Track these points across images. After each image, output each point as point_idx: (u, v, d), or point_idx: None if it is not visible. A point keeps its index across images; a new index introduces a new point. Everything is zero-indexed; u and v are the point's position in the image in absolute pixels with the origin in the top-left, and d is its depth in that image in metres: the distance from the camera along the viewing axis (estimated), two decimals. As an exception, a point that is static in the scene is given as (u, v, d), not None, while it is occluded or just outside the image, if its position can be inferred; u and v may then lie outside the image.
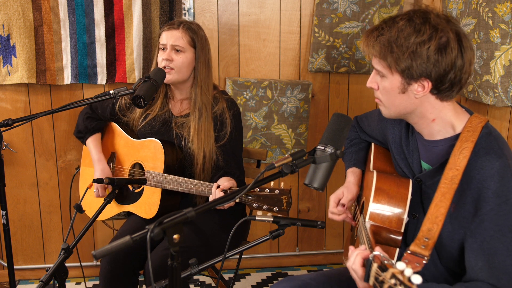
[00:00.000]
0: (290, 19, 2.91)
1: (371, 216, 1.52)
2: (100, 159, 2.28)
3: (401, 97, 1.45)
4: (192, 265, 1.40)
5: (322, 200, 3.18)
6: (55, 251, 3.07)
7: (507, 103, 2.11)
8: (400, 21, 1.40)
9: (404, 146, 1.62)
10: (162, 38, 2.17)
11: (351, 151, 1.92)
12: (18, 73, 2.73)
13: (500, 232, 1.34)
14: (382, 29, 1.42)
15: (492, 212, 1.34)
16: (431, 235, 1.35)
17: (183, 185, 2.05)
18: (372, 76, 1.50)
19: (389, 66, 1.41)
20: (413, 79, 1.40)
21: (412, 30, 1.37)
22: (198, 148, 2.13)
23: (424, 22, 1.38)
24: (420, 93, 1.42)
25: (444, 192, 1.39)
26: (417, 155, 1.57)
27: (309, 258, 3.26)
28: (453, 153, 1.41)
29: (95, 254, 1.09)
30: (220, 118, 2.18)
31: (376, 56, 1.44)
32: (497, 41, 2.06)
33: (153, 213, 2.13)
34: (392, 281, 1.00)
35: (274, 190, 1.79)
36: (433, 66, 1.37)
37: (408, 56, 1.37)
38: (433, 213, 1.38)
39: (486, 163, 1.37)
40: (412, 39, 1.37)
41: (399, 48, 1.38)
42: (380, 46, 1.41)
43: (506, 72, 2.08)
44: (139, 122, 2.28)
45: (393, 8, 2.88)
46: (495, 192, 1.34)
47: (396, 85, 1.43)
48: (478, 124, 1.44)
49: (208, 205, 1.22)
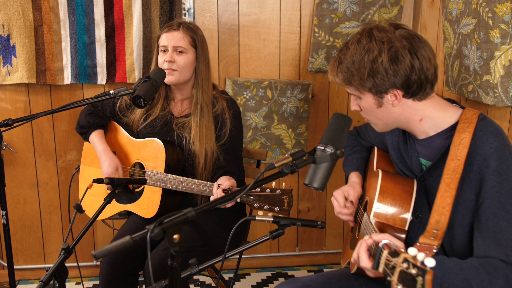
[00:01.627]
0: (290, 19, 2.91)
1: (376, 214, 1.53)
2: (106, 150, 2.23)
3: (381, 110, 1.50)
4: (192, 265, 1.40)
5: (322, 200, 3.18)
6: (55, 251, 3.07)
7: (507, 103, 2.11)
8: (351, 46, 1.47)
9: (403, 150, 1.64)
10: (162, 39, 2.17)
11: (353, 158, 1.94)
12: (18, 73, 2.73)
13: (504, 210, 1.36)
14: (339, 58, 1.50)
15: (493, 190, 1.37)
16: (440, 226, 1.37)
17: (184, 184, 2.05)
18: (352, 100, 1.57)
19: (357, 89, 1.48)
20: (383, 93, 1.46)
21: (363, 50, 1.44)
22: (200, 147, 2.13)
23: (370, 39, 1.44)
24: (396, 102, 1.47)
25: (448, 183, 1.41)
26: (416, 155, 1.59)
27: (309, 258, 3.26)
28: (453, 144, 1.44)
29: (95, 254, 1.09)
30: (220, 118, 2.18)
31: (342, 85, 1.52)
32: (497, 41, 2.06)
33: (153, 212, 2.13)
34: (404, 265, 1.00)
35: (275, 190, 1.79)
36: (393, 76, 1.43)
37: (368, 76, 1.44)
38: (439, 204, 1.40)
39: (484, 143, 1.40)
40: (365, 59, 1.43)
41: (358, 71, 1.45)
42: (342, 75, 1.49)
43: (506, 72, 2.08)
44: (139, 123, 2.28)
45: (393, 8, 2.88)
46: (495, 170, 1.37)
47: (371, 102, 1.50)
48: (473, 115, 1.47)
49: (208, 205, 1.22)
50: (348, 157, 1.96)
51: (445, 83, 2.56)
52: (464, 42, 2.28)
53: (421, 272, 0.98)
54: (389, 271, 1.07)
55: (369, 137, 1.93)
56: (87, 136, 2.31)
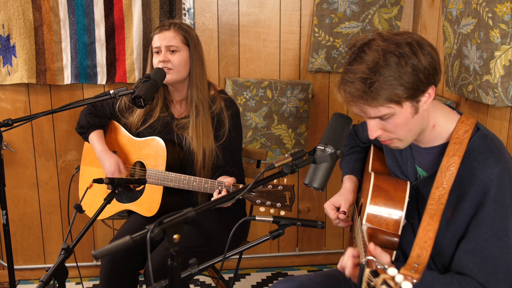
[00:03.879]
0: (290, 19, 2.91)
1: (368, 218, 1.51)
2: (105, 150, 2.25)
3: (415, 119, 1.40)
4: (192, 265, 1.40)
5: (322, 200, 3.18)
6: (55, 251, 3.07)
7: (507, 103, 2.11)
8: (377, 62, 1.33)
9: (397, 154, 1.62)
10: (155, 41, 2.17)
11: (350, 159, 1.92)
12: (18, 73, 2.73)
13: (496, 236, 1.35)
14: (365, 80, 1.33)
15: (488, 218, 1.35)
16: (421, 260, 1.34)
17: (185, 182, 2.05)
18: (372, 126, 1.42)
19: (398, 103, 1.35)
20: (421, 95, 1.37)
21: (395, 59, 1.32)
22: (198, 146, 2.14)
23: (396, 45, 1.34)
24: (428, 101, 1.40)
25: (431, 215, 1.38)
26: (412, 161, 1.57)
27: (309, 258, 3.26)
28: (440, 170, 1.41)
29: (95, 254, 1.09)
30: (218, 117, 2.19)
31: (383, 104, 1.35)
32: (497, 41, 2.06)
33: (154, 211, 2.14)
34: (383, 287, 1.01)
35: (277, 186, 1.79)
36: (433, 71, 1.36)
37: (412, 81, 1.33)
38: (421, 238, 1.37)
39: (486, 168, 1.36)
40: (403, 64, 1.32)
41: (399, 81, 1.32)
42: (383, 93, 1.33)
43: (506, 72, 2.08)
44: (138, 125, 2.29)
45: (393, 8, 2.88)
46: (493, 198, 1.35)
47: (408, 112, 1.38)
48: (464, 134, 1.43)
49: (208, 205, 1.22)
50: (345, 157, 1.94)
51: (445, 83, 2.56)
52: (464, 42, 2.28)
53: None
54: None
55: (366, 135, 1.89)
56: (86, 136, 2.32)
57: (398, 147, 1.49)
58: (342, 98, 1.42)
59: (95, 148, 2.28)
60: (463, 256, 1.39)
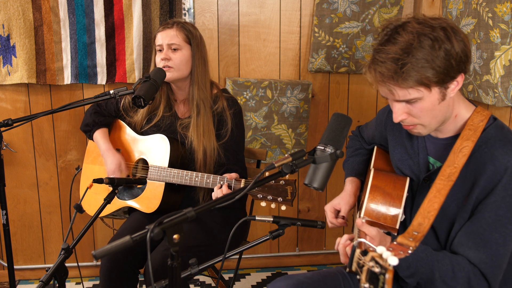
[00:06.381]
0: (290, 19, 2.91)
1: (366, 212, 1.53)
2: (109, 148, 2.26)
3: (441, 105, 1.40)
4: (192, 265, 1.40)
5: (322, 200, 3.18)
6: (55, 251, 3.07)
7: (507, 103, 2.11)
8: (411, 44, 1.32)
9: (408, 146, 1.61)
10: (158, 39, 2.19)
11: (354, 161, 1.92)
12: (18, 73, 2.73)
13: (500, 223, 1.36)
14: (397, 61, 1.32)
15: (495, 204, 1.36)
16: (421, 229, 1.35)
17: (188, 178, 2.05)
18: (398, 110, 1.42)
19: (427, 86, 1.35)
20: (450, 81, 1.37)
21: (429, 42, 1.32)
22: (198, 144, 2.15)
23: (431, 29, 1.34)
24: (456, 88, 1.40)
25: (439, 188, 1.39)
26: (424, 153, 1.56)
27: (309, 258, 3.26)
28: (453, 151, 1.42)
29: (95, 254, 1.09)
30: (220, 116, 2.19)
31: (413, 86, 1.34)
32: (497, 41, 2.06)
33: (155, 207, 2.14)
34: (370, 264, 1.02)
35: (279, 181, 1.79)
36: (465, 57, 1.36)
37: (444, 65, 1.33)
38: (426, 208, 1.38)
39: (503, 155, 1.37)
40: (436, 48, 1.32)
41: (432, 65, 1.32)
42: (414, 74, 1.32)
43: (506, 72, 2.08)
44: (142, 124, 2.30)
45: (393, 8, 2.88)
46: (504, 185, 1.36)
47: (436, 98, 1.38)
48: (479, 122, 1.44)
49: (208, 205, 1.22)
50: (349, 159, 1.94)
51: (445, 83, 2.56)
52: (464, 42, 2.28)
53: (383, 271, 0.99)
54: (359, 270, 1.08)
55: (370, 134, 1.89)
56: (91, 135, 2.33)
57: (421, 134, 1.49)
58: (372, 77, 1.42)
59: (100, 147, 2.29)
60: (463, 235, 1.40)
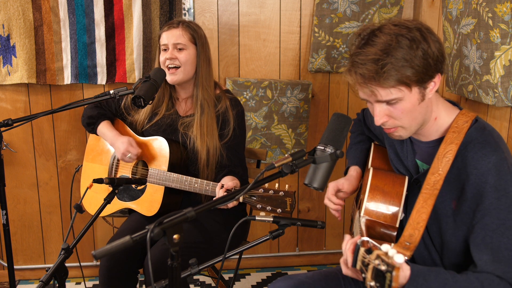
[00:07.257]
0: (290, 19, 2.91)
1: (366, 212, 1.53)
2: (117, 134, 2.22)
3: (421, 106, 1.42)
4: (192, 265, 1.40)
5: (322, 200, 3.18)
6: (55, 251, 3.07)
7: (507, 103, 2.11)
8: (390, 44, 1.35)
9: (398, 149, 1.63)
10: (163, 38, 2.18)
11: (357, 148, 1.91)
12: (18, 73, 2.73)
13: (504, 226, 1.34)
14: (377, 61, 1.35)
15: (491, 207, 1.35)
16: (413, 240, 1.35)
17: (187, 183, 2.05)
18: (379, 112, 1.43)
19: (408, 86, 1.37)
20: (428, 81, 1.39)
21: (407, 42, 1.35)
22: (201, 144, 2.14)
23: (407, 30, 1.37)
24: (434, 88, 1.42)
25: (426, 198, 1.40)
26: (412, 156, 1.58)
27: (309, 258, 3.26)
28: (437, 156, 1.42)
29: (95, 254, 1.09)
30: (223, 117, 2.19)
31: (395, 86, 1.36)
32: (497, 41, 2.06)
33: (155, 210, 2.14)
34: (376, 262, 1.01)
35: (278, 192, 1.79)
36: (441, 57, 1.40)
37: (423, 65, 1.36)
38: (414, 219, 1.39)
39: (482, 157, 1.38)
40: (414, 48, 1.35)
41: (411, 64, 1.35)
42: (395, 74, 1.35)
43: (506, 72, 2.08)
44: (144, 123, 2.29)
45: (393, 8, 2.88)
46: (493, 186, 1.35)
47: (415, 98, 1.40)
48: (464, 124, 1.45)
49: (208, 205, 1.22)
50: (353, 146, 1.94)
51: (445, 83, 2.56)
52: (464, 42, 2.28)
53: (390, 269, 0.99)
54: (364, 268, 1.08)
55: (370, 122, 1.89)
56: (95, 127, 2.29)
57: (402, 137, 1.50)
58: (352, 80, 1.42)
59: (107, 136, 2.25)
60: (474, 250, 1.38)
